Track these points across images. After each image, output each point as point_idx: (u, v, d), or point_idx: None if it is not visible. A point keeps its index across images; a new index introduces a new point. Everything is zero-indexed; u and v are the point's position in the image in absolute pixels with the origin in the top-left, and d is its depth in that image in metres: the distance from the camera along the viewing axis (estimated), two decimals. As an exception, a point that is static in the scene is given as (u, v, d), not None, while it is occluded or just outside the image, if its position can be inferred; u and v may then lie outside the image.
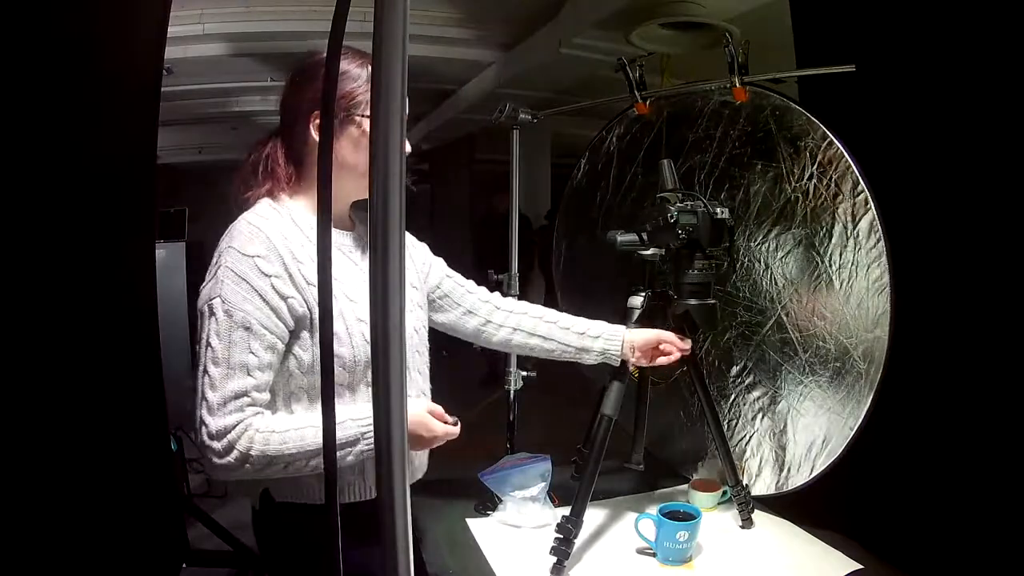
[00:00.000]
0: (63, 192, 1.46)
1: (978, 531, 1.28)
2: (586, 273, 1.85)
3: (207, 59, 3.91)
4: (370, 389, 1.11)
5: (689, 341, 1.33)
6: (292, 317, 1.01)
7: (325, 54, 1.08)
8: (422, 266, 1.30)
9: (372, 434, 0.99)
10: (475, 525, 1.37)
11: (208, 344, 0.97)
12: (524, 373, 1.70)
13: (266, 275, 0.99)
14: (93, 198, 1.59)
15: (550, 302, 1.53)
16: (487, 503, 1.43)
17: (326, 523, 0.57)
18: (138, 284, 1.93)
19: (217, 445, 0.95)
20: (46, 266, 1.42)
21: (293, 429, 0.99)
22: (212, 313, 0.97)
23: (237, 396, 0.96)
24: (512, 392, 1.70)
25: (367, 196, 1.14)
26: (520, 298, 1.49)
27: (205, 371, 0.96)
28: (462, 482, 1.50)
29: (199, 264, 3.59)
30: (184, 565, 2.09)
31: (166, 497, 2.07)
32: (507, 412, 1.72)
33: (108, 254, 1.69)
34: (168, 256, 3.55)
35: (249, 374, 0.97)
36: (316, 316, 1.00)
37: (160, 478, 2.03)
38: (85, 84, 1.51)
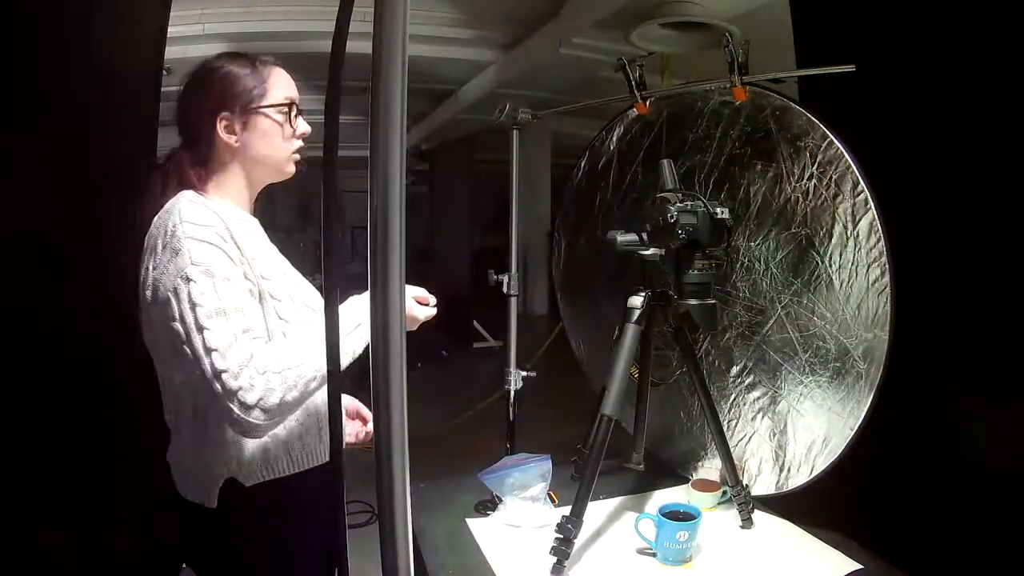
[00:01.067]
0: (62, 192, 1.46)
1: (978, 531, 1.28)
2: (586, 273, 1.85)
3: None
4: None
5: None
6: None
7: (214, 63, 1.15)
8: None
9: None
10: (475, 525, 1.36)
11: (193, 307, 0.96)
12: (524, 373, 1.70)
13: (224, 240, 1.02)
14: (93, 198, 1.59)
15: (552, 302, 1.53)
16: (487, 503, 1.43)
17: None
18: (138, 284, 1.92)
19: (242, 382, 0.94)
20: (46, 266, 1.42)
21: (294, 344, 1.02)
22: (190, 279, 0.97)
23: (245, 331, 0.98)
24: (512, 392, 1.70)
25: (273, 182, 1.19)
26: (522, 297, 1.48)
27: (201, 329, 0.96)
28: (462, 482, 1.50)
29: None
30: (184, 565, 2.09)
31: (166, 497, 2.07)
32: (507, 412, 1.72)
33: (108, 254, 1.69)
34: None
35: (245, 314, 0.99)
36: (260, 287, 1.07)
37: (160, 478, 2.03)
38: (85, 84, 1.51)
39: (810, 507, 1.38)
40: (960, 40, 1.29)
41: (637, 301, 1.29)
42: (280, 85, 1.15)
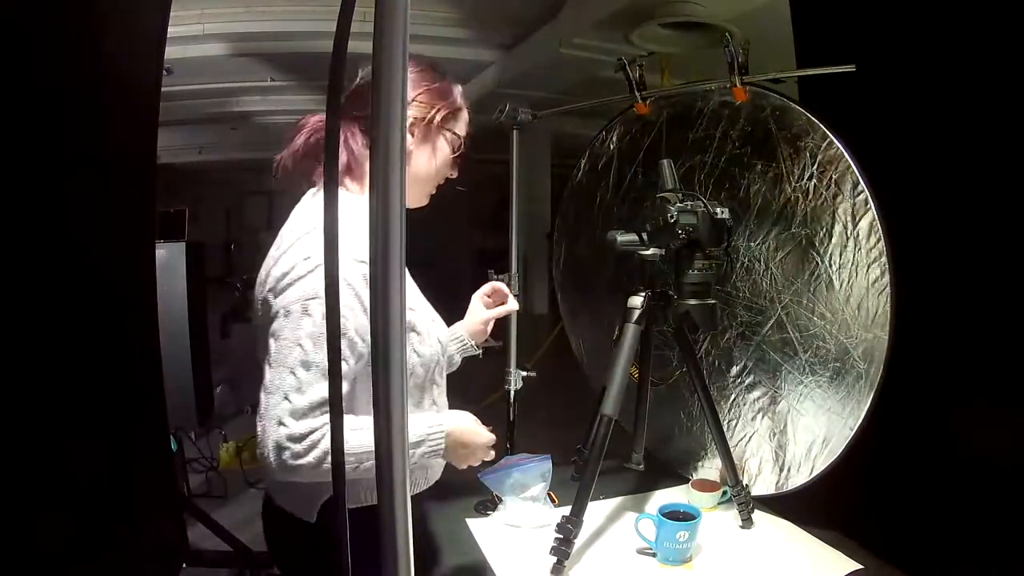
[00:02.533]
0: (63, 192, 1.46)
1: (978, 531, 1.28)
2: (586, 273, 1.85)
3: (207, 59, 3.91)
4: (435, 387, 1.19)
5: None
6: None
7: (435, 69, 1.11)
8: None
9: (437, 436, 1.04)
10: (475, 525, 1.36)
11: (299, 345, 0.93)
12: (524, 373, 1.70)
13: (367, 286, 0.96)
14: (93, 198, 1.59)
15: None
16: (487, 503, 1.43)
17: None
18: (138, 284, 1.92)
19: (298, 447, 0.92)
20: (46, 266, 1.42)
21: (366, 428, 0.96)
22: (307, 313, 0.93)
23: (319, 404, 0.93)
24: (512, 392, 1.70)
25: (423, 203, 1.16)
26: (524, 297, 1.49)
27: (292, 372, 0.92)
28: (462, 482, 1.50)
29: (198, 264, 3.58)
30: (184, 565, 2.09)
31: (166, 497, 2.07)
32: (507, 412, 1.72)
33: (108, 254, 1.69)
34: (168, 256, 3.54)
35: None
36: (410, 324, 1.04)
37: (160, 478, 2.03)
38: (85, 84, 1.51)
39: (810, 507, 1.38)
40: (960, 40, 1.29)
41: (637, 301, 1.29)
42: (464, 121, 1.15)
